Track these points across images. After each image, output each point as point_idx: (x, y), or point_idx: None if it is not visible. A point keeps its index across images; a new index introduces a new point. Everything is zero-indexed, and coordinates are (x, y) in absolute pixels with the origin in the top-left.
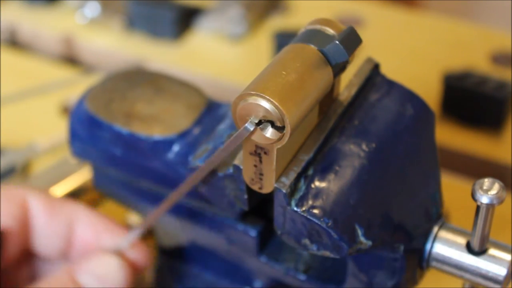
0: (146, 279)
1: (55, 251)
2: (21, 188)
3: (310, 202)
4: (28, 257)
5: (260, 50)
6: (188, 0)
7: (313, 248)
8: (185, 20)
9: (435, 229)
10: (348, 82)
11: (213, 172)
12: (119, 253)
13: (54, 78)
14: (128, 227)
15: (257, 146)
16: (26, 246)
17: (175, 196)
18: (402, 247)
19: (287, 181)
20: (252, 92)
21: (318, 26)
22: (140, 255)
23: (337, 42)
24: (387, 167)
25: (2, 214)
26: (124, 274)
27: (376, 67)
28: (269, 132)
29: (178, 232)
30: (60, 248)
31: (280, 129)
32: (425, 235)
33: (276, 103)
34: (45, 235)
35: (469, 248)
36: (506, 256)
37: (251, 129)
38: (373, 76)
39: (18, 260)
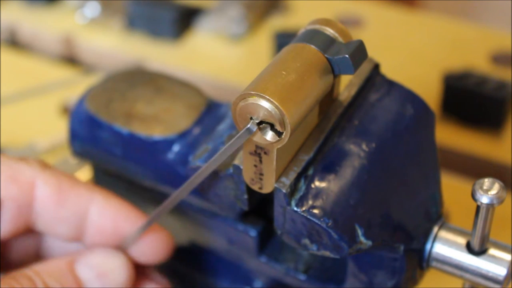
0: None
1: (64, 236)
2: (32, 169)
3: (310, 202)
4: (34, 233)
5: (260, 50)
6: (188, 0)
7: (313, 248)
8: (185, 20)
9: (435, 229)
10: (348, 82)
11: (213, 172)
12: (124, 250)
13: (54, 78)
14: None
15: (257, 146)
16: (27, 226)
17: (177, 196)
18: (402, 247)
19: (287, 181)
20: (252, 92)
21: (318, 26)
22: (150, 252)
23: (346, 56)
24: (387, 167)
25: (3, 192)
26: (126, 273)
27: (376, 67)
28: (269, 135)
29: (178, 232)
30: (70, 234)
31: (279, 133)
32: (425, 235)
33: (276, 103)
34: (52, 221)
35: (469, 248)
36: (506, 256)
37: (254, 130)
38: (373, 76)
39: (21, 234)
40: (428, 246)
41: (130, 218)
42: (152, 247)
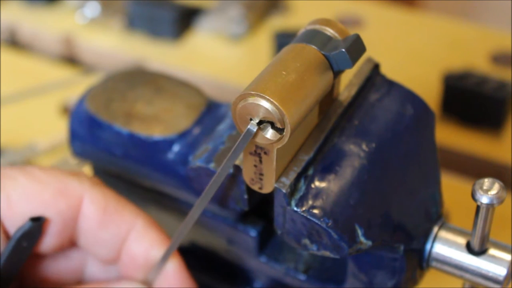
0: None
1: (102, 257)
2: (81, 185)
3: (310, 202)
4: (78, 255)
5: (260, 50)
6: (188, 0)
7: (313, 248)
8: (185, 20)
9: (435, 229)
10: (348, 82)
11: (213, 172)
12: (149, 284)
13: (54, 78)
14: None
15: (257, 146)
16: (69, 241)
17: (194, 212)
18: (402, 247)
19: (287, 181)
20: (252, 92)
21: (318, 26)
22: None
23: (343, 50)
24: (387, 167)
25: (50, 205)
26: None
27: (376, 67)
28: (269, 133)
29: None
30: (107, 256)
31: (280, 130)
32: (425, 235)
33: (276, 103)
34: (93, 241)
35: (469, 248)
36: (506, 256)
37: (254, 130)
38: (373, 76)
39: (63, 249)
40: (428, 246)
41: (163, 249)
42: None
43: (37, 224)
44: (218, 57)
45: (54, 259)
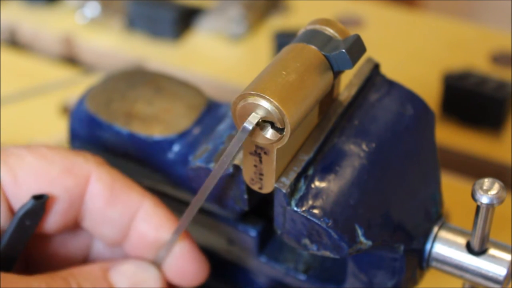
0: None
1: (108, 237)
2: (88, 164)
3: (310, 202)
4: (84, 236)
5: (260, 50)
6: (188, 0)
7: (313, 248)
8: (185, 20)
9: (435, 229)
10: (348, 82)
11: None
12: (158, 265)
13: (54, 78)
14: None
15: (257, 146)
16: (74, 222)
17: (194, 205)
18: (402, 247)
19: (287, 181)
20: (252, 92)
21: (318, 26)
22: (184, 275)
23: (343, 50)
24: (387, 167)
25: (57, 183)
26: (159, 286)
27: (376, 67)
28: (269, 133)
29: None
30: (114, 236)
31: (280, 130)
32: (425, 235)
33: (276, 103)
34: (99, 220)
35: (469, 248)
36: (506, 256)
37: (250, 128)
38: (373, 76)
39: (71, 235)
40: (428, 246)
41: (171, 229)
42: (187, 270)
43: (40, 202)
44: (218, 57)
45: (60, 239)
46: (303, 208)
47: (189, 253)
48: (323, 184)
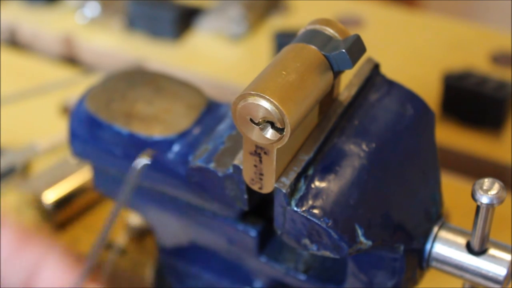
0: (146, 279)
1: (14, 284)
2: None
3: (310, 202)
4: None
5: (260, 50)
6: (188, 0)
7: (313, 248)
8: (185, 20)
9: (435, 229)
10: (348, 82)
11: (213, 172)
12: None
13: (54, 78)
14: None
15: (257, 146)
16: None
17: (109, 223)
18: (402, 247)
19: (287, 181)
20: (252, 92)
21: (318, 26)
22: None
23: (343, 50)
24: (387, 167)
25: None
26: None
27: (376, 67)
28: (269, 133)
29: (178, 232)
30: (19, 284)
31: (280, 130)
32: (425, 235)
33: (276, 103)
34: (6, 268)
35: (469, 248)
36: (506, 256)
37: (139, 166)
38: (373, 76)
39: None
40: (428, 246)
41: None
42: None
43: None
44: (218, 57)
45: None
46: (303, 208)
47: None
48: (323, 184)
